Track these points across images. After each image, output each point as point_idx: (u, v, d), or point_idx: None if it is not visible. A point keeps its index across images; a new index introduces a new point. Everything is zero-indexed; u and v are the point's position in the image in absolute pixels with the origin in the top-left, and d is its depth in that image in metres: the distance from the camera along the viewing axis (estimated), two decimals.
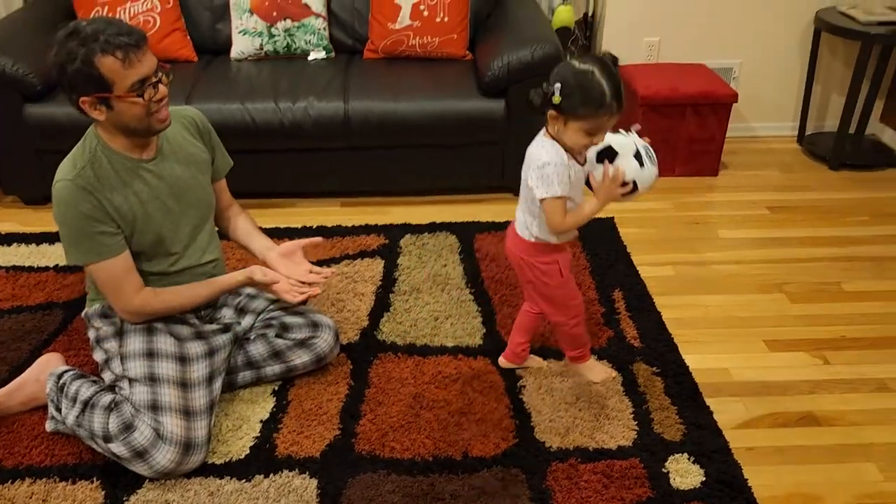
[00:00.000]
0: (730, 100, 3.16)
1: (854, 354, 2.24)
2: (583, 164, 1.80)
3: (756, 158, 3.48)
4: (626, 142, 1.76)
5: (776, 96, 3.60)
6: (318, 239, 2.11)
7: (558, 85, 1.65)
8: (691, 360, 2.20)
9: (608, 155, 1.76)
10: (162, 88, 1.74)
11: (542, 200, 1.76)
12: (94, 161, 1.77)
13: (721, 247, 2.79)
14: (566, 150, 1.74)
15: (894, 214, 2.99)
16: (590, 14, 3.56)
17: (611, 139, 1.77)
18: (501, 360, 2.18)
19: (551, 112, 1.70)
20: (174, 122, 1.91)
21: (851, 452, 1.91)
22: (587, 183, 1.82)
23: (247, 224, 2.14)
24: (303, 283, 1.94)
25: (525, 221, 1.87)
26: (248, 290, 2.14)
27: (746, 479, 1.82)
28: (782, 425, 2.00)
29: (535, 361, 2.19)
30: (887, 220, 2.95)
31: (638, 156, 1.74)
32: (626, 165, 1.74)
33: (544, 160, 1.73)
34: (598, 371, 2.06)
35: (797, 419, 2.01)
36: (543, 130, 1.77)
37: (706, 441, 1.92)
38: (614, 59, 1.70)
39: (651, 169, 1.76)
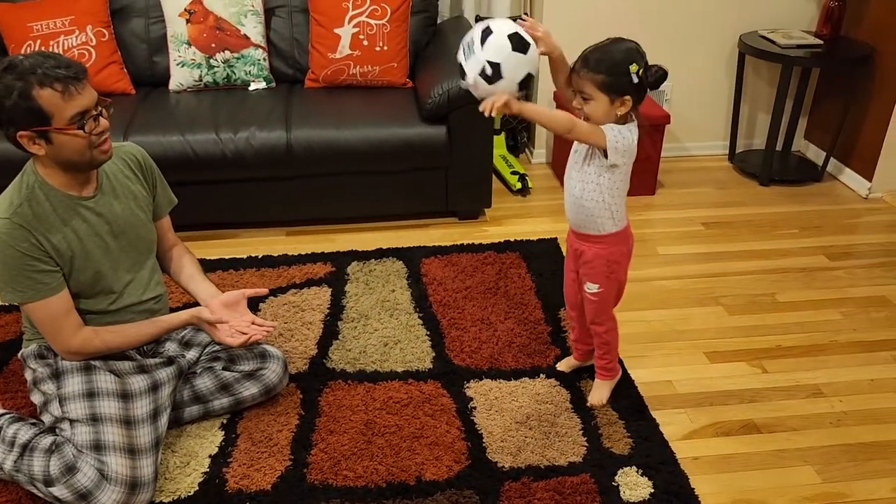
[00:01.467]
0: (663, 121, 3.28)
1: (790, 362, 2.33)
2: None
3: (690, 177, 3.60)
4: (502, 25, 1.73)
5: (706, 117, 3.75)
6: (264, 290, 2.07)
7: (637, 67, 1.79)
8: (637, 374, 2.25)
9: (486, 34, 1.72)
10: (103, 121, 1.72)
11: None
12: (32, 198, 1.73)
13: (660, 263, 2.88)
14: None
15: (821, 227, 3.13)
16: None
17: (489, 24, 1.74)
18: (571, 362, 2.26)
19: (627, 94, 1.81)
20: (115, 159, 1.89)
21: (791, 457, 1.98)
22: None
23: (191, 268, 2.08)
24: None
25: (608, 206, 1.92)
26: None
27: (693, 489, 1.87)
28: (725, 434, 2.06)
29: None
30: (815, 232, 3.09)
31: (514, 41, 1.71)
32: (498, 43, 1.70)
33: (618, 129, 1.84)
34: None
35: (739, 427, 2.08)
36: None
37: (653, 453, 1.97)
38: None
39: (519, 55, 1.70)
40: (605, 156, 1.82)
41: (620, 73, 1.74)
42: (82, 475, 1.70)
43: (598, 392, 2.14)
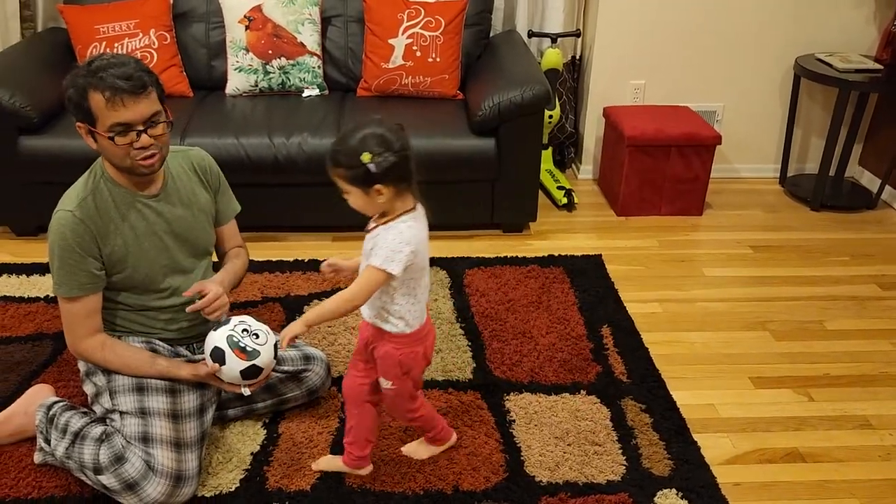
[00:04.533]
0: (714, 141, 3.25)
1: (837, 392, 2.28)
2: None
3: (739, 199, 3.56)
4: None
5: (758, 139, 3.70)
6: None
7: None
8: (679, 396, 2.23)
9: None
10: (144, 138, 1.71)
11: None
12: (97, 192, 1.80)
13: (706, 284, 2.84)
14: None
15: (873, 255, 3.07)
16: (577, 57, 3.66)
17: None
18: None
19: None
20: (181, 162, 1.95)
21: (836, 489, 1.94)
22: None
23: (229, 266, 2.06)
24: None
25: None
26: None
27: None
28: (768, 461, 2.02)
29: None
30: (866, 260, 3.03)
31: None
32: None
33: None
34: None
35: (783, 455, 2.04)
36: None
37: (694, 476, 1.94)
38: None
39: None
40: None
41: (357, 164, 1.57)
42: (130, 465, 1.75)
43: (418, 448, 2.00)
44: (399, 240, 1.61)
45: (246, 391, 1.84)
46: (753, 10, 3.42)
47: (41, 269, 2.80)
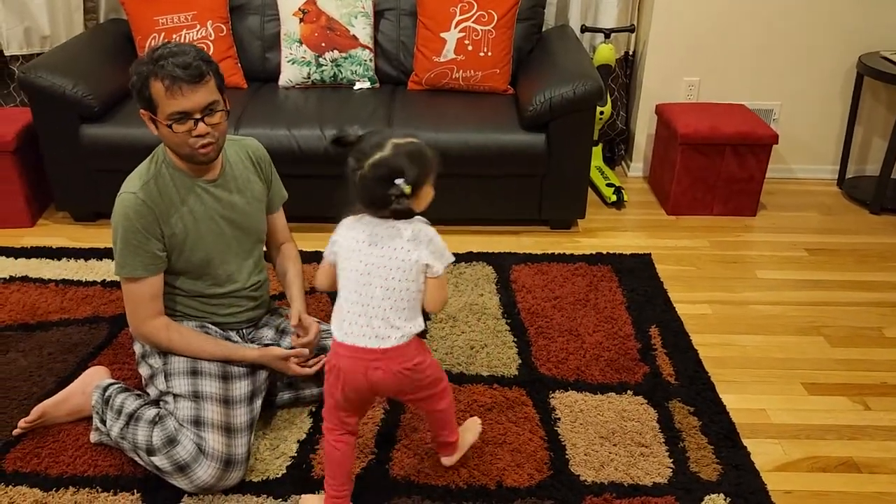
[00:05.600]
0: (770, 141, 3.17)
1: (895, 401, 2.21)
2: None
3: (795, 200, 3.47)
4: None
5: (816, 139, 3.59)
6: (304, 351, 2.00)
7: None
8: (728, 399, 2.18)
9: None
10: (201, 126, 1.74)
11: (437, 276, 1.61)
12: (159, 176, 1.84)
13: (759, 287, 2.78)
14: None
15: None
16: (630, 52, 3.60)
17: None
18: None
19: None
20: (237, 151, 1.98)
21: (893, 501, 1.88)
22: None
23: (293, 275, 2.11)
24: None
25: (395, 323, 1.61)
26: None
27: None
28: (821, 470, 1.97)
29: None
30: None
31: None
32: None
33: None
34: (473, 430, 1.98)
35: (837, 464, 1.99)
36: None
37: (743, 482, 1.90)
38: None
39: None
40: None
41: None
42: (182, 448, 1.79)
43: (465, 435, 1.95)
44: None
45: (309, 370, 1.91)
46: (815, 7, 3.32)
47: (99, 253, 2.88)
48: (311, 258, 2.85)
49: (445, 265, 1.62)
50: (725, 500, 1.85)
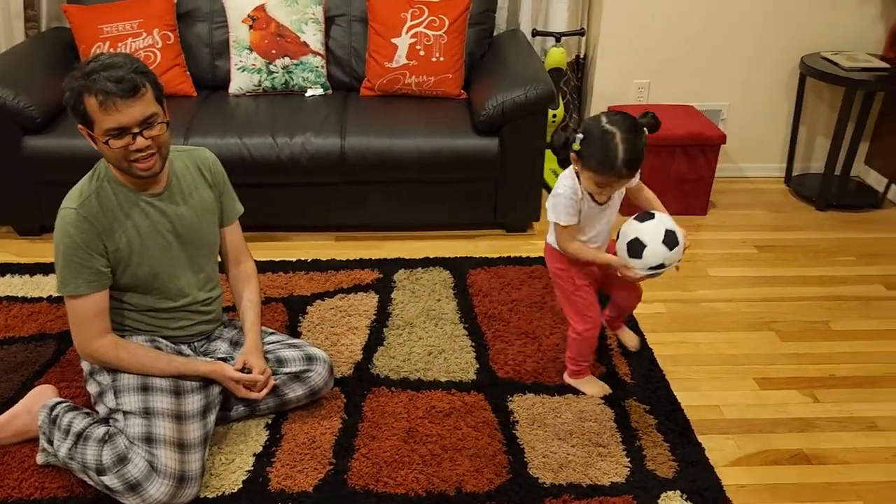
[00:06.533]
0: (718, 141, 3.23)
1: (844, 393, 2.27)
2: (601, 204, 1.93)
3: (744, 198, 3.54)
4: (654, 230, 1.86)
5: (763, 138, 3.68)
6: (257, 377, 1.97)
7: (580, 136, 1.82)
8: (683, 397, 2.22)
9: (638, 248, 1.86)
10: (140, 140, 1.70)
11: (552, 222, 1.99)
12: (101, 191, 1.80)
13: (711, 285, 2.83)
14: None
15: (880, 255, 3.05)
16: (581, 56, 3.64)
17: (639, 230, 1.88)
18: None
19: (572, 154, 1.84)
20: (186, 161, 1.94)
21: (842, 491, 1.93)
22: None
23: (248, 305, 2.08)
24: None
25: (551, 227, 2.04)
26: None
27: None
28: (773, 463, 2.01)
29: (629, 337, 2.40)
30: (873, 260, 3.01)
31: (667, 241, 1.85)
32: (654, 252, 1.85)
33: (558, 191, 1.94)
34: (595, 386, 2.23)
35: (788, 457, 2.03)
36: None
37: (699, 478, 1.93)
38: (653, 123, 1.84)
39: (678, 249, 1.87)
40: None
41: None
42: (133, 466, 1.74)
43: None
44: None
45: (258, 395, 1.93)
46: (759, 10, 3.40)
47: (44, 269, 2.80)
48: (266, 268, 2.82)
49: None
50: (681, 496, 1.88)
